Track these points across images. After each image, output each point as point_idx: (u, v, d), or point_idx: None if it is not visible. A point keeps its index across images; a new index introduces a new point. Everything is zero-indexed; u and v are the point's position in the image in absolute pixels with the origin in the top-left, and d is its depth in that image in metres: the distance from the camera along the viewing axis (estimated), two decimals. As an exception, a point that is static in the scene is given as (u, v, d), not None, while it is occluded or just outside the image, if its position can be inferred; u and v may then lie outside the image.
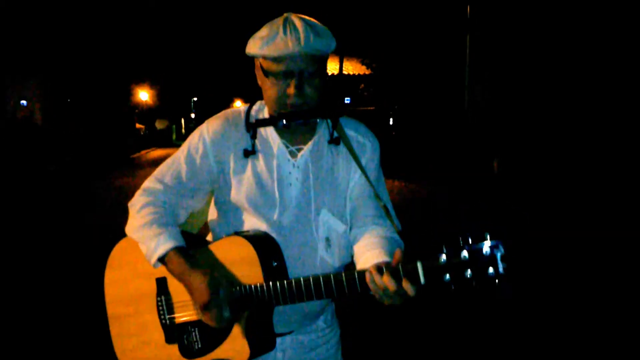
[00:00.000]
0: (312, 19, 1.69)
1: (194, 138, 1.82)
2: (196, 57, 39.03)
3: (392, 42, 20.24)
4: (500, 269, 1.38)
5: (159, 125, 48.82)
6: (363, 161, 1.77)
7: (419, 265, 1.44)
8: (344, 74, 24.48)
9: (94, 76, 26.34)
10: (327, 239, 1.76)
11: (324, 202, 1.76)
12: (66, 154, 21.86)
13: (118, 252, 1.90)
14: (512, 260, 1.40)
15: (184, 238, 1.76)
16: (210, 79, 45.09)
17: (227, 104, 61.02)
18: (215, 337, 1.71)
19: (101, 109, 28.47)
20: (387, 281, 1.46)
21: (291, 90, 1.63)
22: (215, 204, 1.88)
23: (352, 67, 25.43)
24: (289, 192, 1.75)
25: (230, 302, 1.63)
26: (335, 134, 1.77)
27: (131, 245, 1.80)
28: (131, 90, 36.63)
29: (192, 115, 65.89)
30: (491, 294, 5.09)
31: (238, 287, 1.66)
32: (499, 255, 1.38)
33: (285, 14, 1.69)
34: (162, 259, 1.71)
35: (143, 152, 35.53)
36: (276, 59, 1.63)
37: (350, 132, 1.80)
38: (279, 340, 1.80)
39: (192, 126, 65.53)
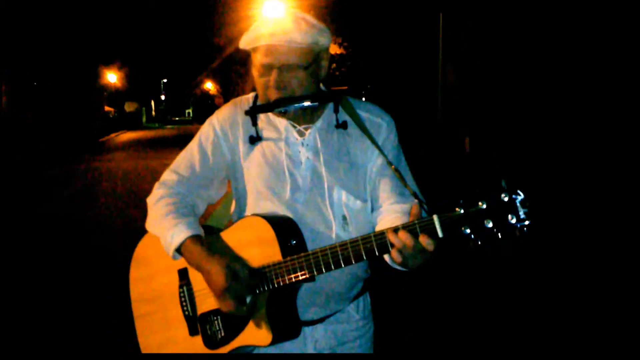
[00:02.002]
0: (309, 16, 1.71)
1: (205, 127, 1.84)
2: (165, 38, 38.36)
3: (365, 21, 20.17)
4: (522, 215, 1.32)
5: (129, 107, 48.04)
6: (379, 141, 1.75)
7: (435, 218, 1.39)
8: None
9: (60, 59, 25.71)
10: (344, 217, 1.72)
11: (338, 179, 1.73)
12: (33, 141, 21.36)
13: (141, 249, 1.88)
14: (532, 206, 1.33)
15: (205, 231, 1.74)
16: (180, 60, 44.40)
17: (197, 85, 60.35)
18: (237, 323, 1.67)
19: (69, 92, 27.86)
20: (403, 237, 1.41)
21: (270, 83, 1.65)
22: (233, 194, 1.88)
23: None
24: (300, 171, 1.74)
25: (248, 286, 1.60)
26: (342, 119, 1.76)
27: (153, 241, 1.78)
28: (99, 72, 35.90)
29: (162, 97, 65.06)
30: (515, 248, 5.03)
31: (255, 268, 1.63)
32: (518, 200, 1.32)
33: (283, 9, 1.71)
34: (179, 250, 1.69)
35: (112, 135, 35.02)
36: (257, 50, 1.66)
37: (363, 114, 1.78)
38: (310, 329, 1.77)
39: (162, 108, 64.80)
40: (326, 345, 1.80)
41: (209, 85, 60.71)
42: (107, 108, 39.33)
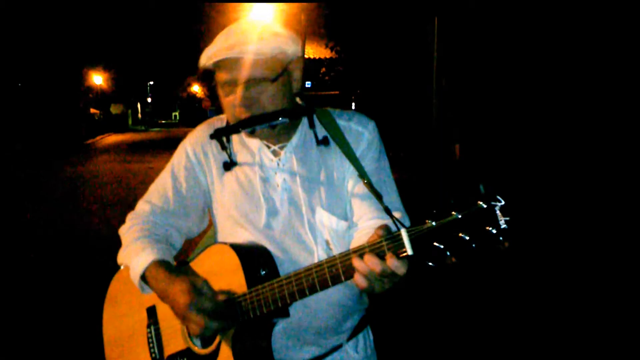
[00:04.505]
0: (272, 23, 1.56)
1: (177, 152, 1.73)
2: (152, 40, 38.17)
3: (357, 25, 20.10)
4: (502, 225, 1.12)
5: (115, 109, 47.70)
6: (358, 152, 1.57)
7: (403, 233, 1.19)
8: (306, 58, 24.27)
9: (46, 60, 25.42)
10: (327, 242, 1.57)
11: (319, 201, 1.57)
12: (17, 141, 21.10)
13: (114, 286, 1.79)
14: (515, 213, 1.13)
15: (181, 265, 1.63)
16: (167, 62, 44.22)
17: (184, 88, 60.10)
18: None
19: (54, 93, 27.56)
20: (369, 261, 1.22)
21: (237, 101, 1.50)
22: (213, 223, 1.75)
23: (313, 51, 25.27)
24: (277, 195, 1.59)
25: (214, 311, 1.46)
26: (320, 134, 1.59)
27: (126, 277, 1.66)
28: (84, 74, 35.63)
29: (149, 100, 64.65)
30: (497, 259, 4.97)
31: (221, 297, 1.50)
32: (497, 208, 1.12)
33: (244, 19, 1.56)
34: (145, 278, 1.57)
35: (98, 137, 34.77)
36: (219, 67, 1.50)
37: (343, 123, 1.62)
38: None
39: (148, 111, 64.37)
40: None
41: (196, 88, 60.46)
42: (92, 110, 39.01)
